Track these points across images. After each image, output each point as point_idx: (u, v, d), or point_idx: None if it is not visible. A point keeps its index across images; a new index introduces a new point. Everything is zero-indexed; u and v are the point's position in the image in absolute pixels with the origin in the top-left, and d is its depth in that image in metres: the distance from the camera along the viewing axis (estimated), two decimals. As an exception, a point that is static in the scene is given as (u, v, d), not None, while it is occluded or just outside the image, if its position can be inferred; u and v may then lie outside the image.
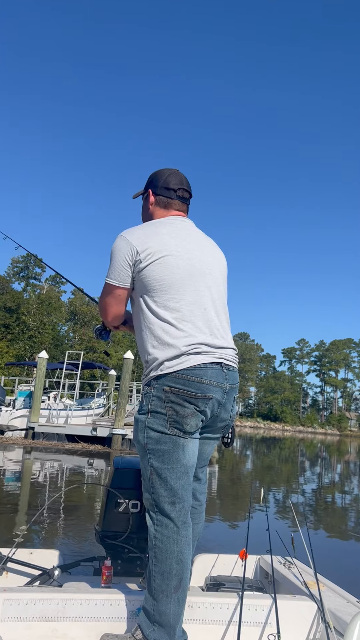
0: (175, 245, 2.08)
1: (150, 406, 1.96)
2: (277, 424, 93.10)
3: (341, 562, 5.52)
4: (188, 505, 1.95)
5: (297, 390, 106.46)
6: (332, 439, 63.69)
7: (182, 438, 1.94)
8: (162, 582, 1.85)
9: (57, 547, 3.35)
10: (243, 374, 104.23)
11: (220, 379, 2.01)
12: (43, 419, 21.53)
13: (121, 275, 2.09)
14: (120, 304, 2.18)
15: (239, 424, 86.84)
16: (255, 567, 2.94)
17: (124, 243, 2.08)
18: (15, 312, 60.71)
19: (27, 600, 1.98)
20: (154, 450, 1.94)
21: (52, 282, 72.13)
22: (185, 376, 1.95)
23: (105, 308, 2.20)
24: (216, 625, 2.08)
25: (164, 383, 1.95)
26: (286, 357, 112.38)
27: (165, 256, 2.05)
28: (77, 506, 7.62)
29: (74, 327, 72.24)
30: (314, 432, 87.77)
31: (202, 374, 1.97)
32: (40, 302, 63.28)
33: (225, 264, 2.31)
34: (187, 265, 2.07)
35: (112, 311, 2.20)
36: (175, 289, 2.03)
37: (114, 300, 2.16)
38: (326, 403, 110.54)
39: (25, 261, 70.10)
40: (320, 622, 2.10)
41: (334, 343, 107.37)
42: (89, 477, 11.05)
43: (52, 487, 9.22)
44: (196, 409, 1.96)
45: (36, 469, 12.14)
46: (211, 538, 6.19)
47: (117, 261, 2.09)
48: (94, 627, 1.99)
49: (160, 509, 1.92)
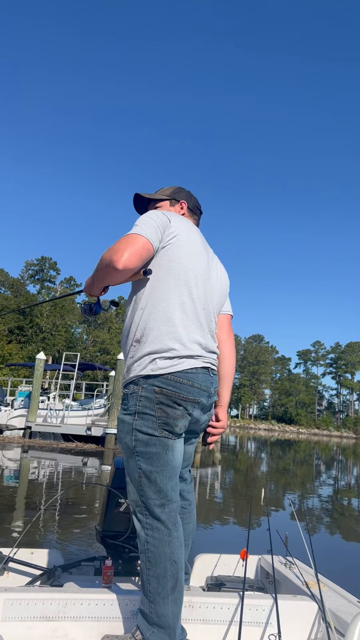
0: (200, 242, 2.14)
1: (138, 407, 1.91)
2: (292, 426, 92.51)
3: (342, 562, 5.48)
4: (177, 505, 1.93)
5: (312, 393, 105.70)
6: (348, 442, 63.08)
7: (171, 440, 1.92)
8: (157, 585, 1.82)
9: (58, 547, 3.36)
10: (257, 376, 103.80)
11: (208, 384, 2.02)
12: (41, 418, 21.80)
13: (154, 234, 1.96)
14: (140, 261, 1.91)
15: (253, 426, 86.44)
16: (256, 567, 2.92)
17: (159, 213, 2.04)
18: (29, 315, 61.19)
19: (28, 600, 1.98)
20: (142, 453, 1.90)
21: (67, 285, 72.59)
22: (178, 379, 1.92)
23: (123, 255, 1.86)
24: (217, 625, 2.07)
25: (154, 384, 1.91)
26: (301, 359, 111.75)
27: (189, 240, 2.07)
28: (77, 506, 7.61)
29: (88, 330, 72.56)
30: (329, 434, 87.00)
31: (194, 377, 1.96)
32: (54, 304, 63.64)
33: (228, 283, 2.34)
34: (200, 266, 2.09)
35: (130, 261, 1.87)
36: (192, 284, 2.03)
37: (138, 252, 1.89)
38: (342, 406, 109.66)
39: (40, 264, 70.65)
40: (321, 622, 2.09)
41: (349, 345, 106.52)
42: (89, 477, 11.07)
43: (52, 487, 9.24)
44: (185, 411, 1.94)
45: (35, 468, 12.18)
46: (212, 538, 6.16)
47: (152, 221, 1.99)
48: (94, 627, 1.99)
49: (150, 511, 1.88)
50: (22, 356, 54.61)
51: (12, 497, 8.03)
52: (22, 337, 60.79)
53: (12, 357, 53.23)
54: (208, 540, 6.03)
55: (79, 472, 11.97)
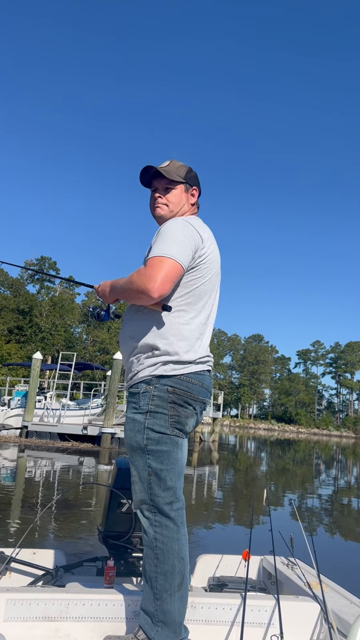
0: (215, 254, 2.13)
1: (151, 406, 1.94)
2: (292, 426, 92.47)
3: (344, 563, 5.48)
4: (183, 503, 1.97)
5: (311, 393, 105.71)
6: (348, 442, 63.07)
7: (180, 438, 1.97)
8: (165, 582, 1.85)
9: (60, 547, 3.35)
10: (257, 376, 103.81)
11: (211, 386, 2.10)
12: (37, 418, 21.86)
13: (187, 257, 1.94)
14: (172, 286, 1.91)
15: (253, 425, 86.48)
16: (258, 568, 2.93)
17: (192, 229, 2.00)
18: (28, 315, 61.15)
19: (30, 600, 1.99)
20: (153, 451, 1.92)
21: (67, 285, 72.55)
22: (190, 379, 1.98)
23: (157, 283, 1.84)
24: (219, 626, 2.07)
25: (167, 383, 1.95)
26: (301, 359, 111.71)
27: (215, 261, 2.10)
28: (79, 506, 7.61)
29: (87, 329, 72.55)
30: (329, 434, 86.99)
31: (203, 379, 2.04)
32: (53, 304, 63.61)
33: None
34: (215, 276, 2.13)
35: (164, 289, 1.87)
36: (207, 294, 2.07)
37: (172, 278, 1.88)
38: (342, 405, 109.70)
39: (40, 264, 70.58)
40: (324, 623, 2.09)
41: (349, 345, 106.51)
42: (90, 477, 11.06)
43: (51, 487, 9.23)
44: (193, 411, 2.01)
45: (33, 467, 12.17)
46: (214, 538, 6.16)
47: (186, 241, 1.95)
48: (96, 627, 1.99)
49: (159, 509, 1.91)
50: (21, 356, 54.61)
51: (10, 496, 8.02)
52: (21, 337, 60.76)
53: (11, 357, 53.24)
54: (210, 540, 6.03)
55: (77, 471, 11.97)
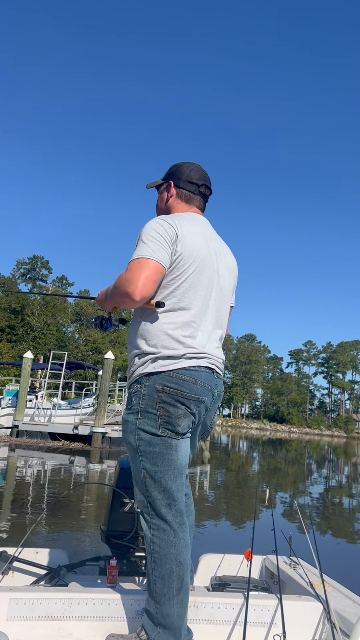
0: (206, 248, 2.03)
1: (141, 406, 1.89)
2: (284, 425, 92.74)
3: (347, 563, 5.50)
4: (183, 506, 1.92)
5: (303, 392, 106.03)
6: (339, 441, 63.35)
7: (174, 439, 1.89)
8: (163, 586, 1.82)
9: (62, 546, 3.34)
10: (249, 376, 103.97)
11: (212, 384, 1.99)
12: (28, 417, 21.82)
13: (164, 255, 1.90)
14: (155, 286, 1.88)
15: (245, 425, 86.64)
16: (260, 568, 2.93)
17: (167, 226, 1.95)
18: (20, 314, 60.89)
19: (33, 599, 1.98)
20: (146, 453, 1.88)
21: (59, 284, 72.33)
22: (179, 375, 1.89)
23: (138, 285, 1.83)
24: (222, 626, 2.07)
25: (156, 381, 1.88)
26: (293, 358, 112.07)
27: (195, 255, 1.98)
28: (82, 505, 7.61)
29: (80, 329, 72.39)
30: (320, 434, 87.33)
31: (197, 375, 1.93)
32: (45, 303, 63.40)
33: (236, 272, 2.25)
34: (210, 272, 2.03)
35: (146, 291, 1.84)
36: (193, 291, 1.97)
37: (153, 278, 1.86)
38: (333, 405, 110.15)
39: (32, 263, 70.32)
40: (326, 623, 2.09)
41: (341, 345, 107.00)
42: (77, 476, 11.05)
43: (50, 487, 9.21)
44: (188, 410, 1.91)
45: (30, 467, 12.14)
46: (217, 538, 6.17)
47: (160, 237, 1.91)
48: (99, 626, 1.99)
49: (156, 512, 1.87)
50: (12, 355, 54.32)
51: (9, 496, 7.99)
52: (13, 336, 60.49)
53: (2, 356, 52.99)
54: (212, 540, 6.03)
55: (68, 470, 11.94)
